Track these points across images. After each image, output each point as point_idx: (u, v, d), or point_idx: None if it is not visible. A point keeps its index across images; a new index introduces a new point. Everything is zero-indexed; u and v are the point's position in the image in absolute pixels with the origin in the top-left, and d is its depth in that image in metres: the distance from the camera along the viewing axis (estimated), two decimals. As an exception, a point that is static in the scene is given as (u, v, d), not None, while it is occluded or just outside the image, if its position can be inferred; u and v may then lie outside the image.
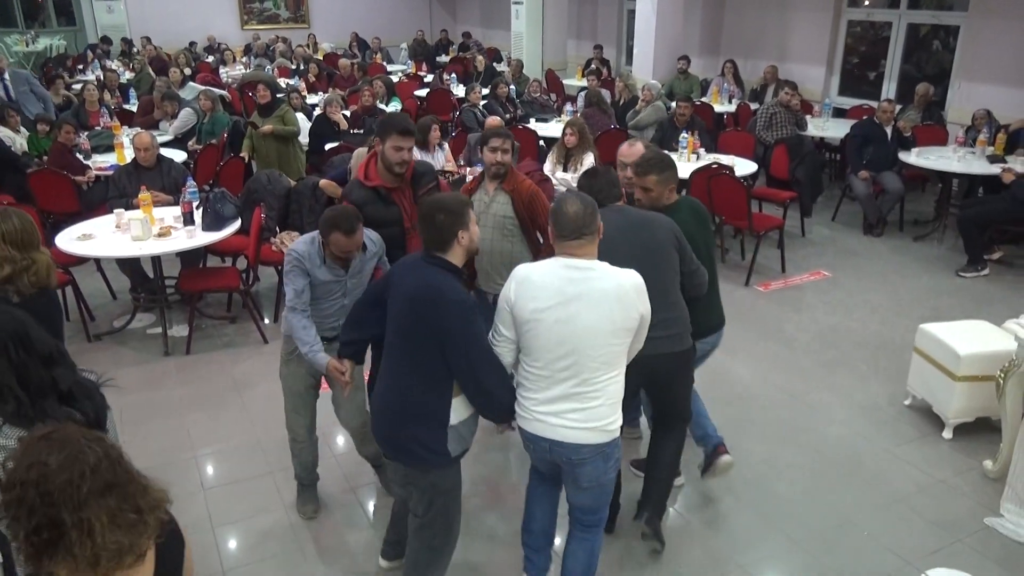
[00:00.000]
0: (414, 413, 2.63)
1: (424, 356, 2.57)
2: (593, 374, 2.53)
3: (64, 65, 13.26)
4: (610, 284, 2.52)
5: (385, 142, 3.55)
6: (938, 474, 3.91)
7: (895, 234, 7.44)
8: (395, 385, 2.67)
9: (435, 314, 2.52)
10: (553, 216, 2.60)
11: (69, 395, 2.07)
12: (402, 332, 2.64)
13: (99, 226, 5.31)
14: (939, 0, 9.26)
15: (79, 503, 1.44)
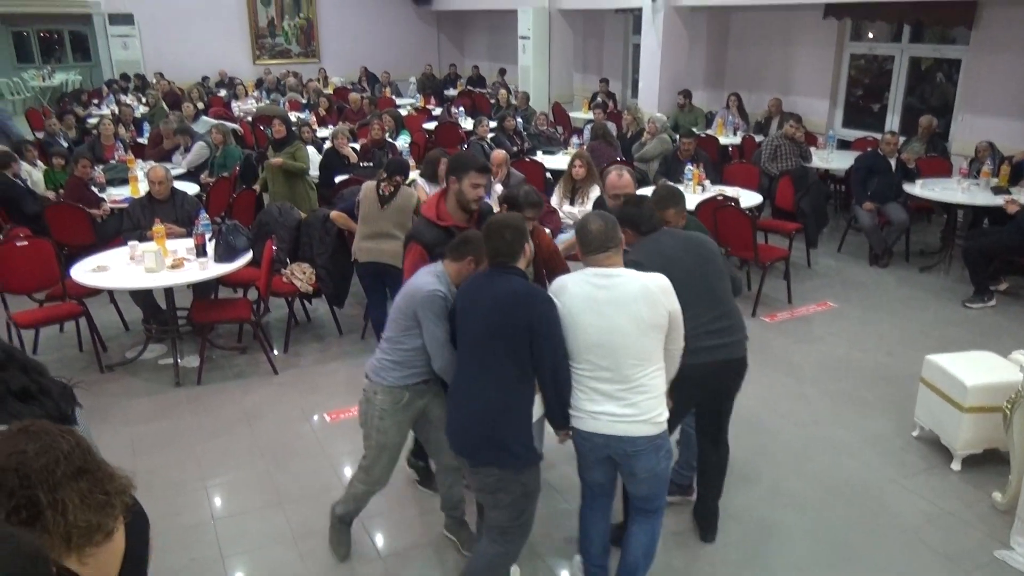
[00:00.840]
0: (507, 410, 2.81)
1: (515, 354, 2.77)
2: (632, 371, 2.77)
3: (79, 100, 13.51)
4: (636, 286, 2.78)
5: (463, 180, 3.49)
6: (947, 506, 3.90)
7: (901, 265, 7.47)
8: (484, 387, 2.82)
9: (528, 313, 2.75)
10: (579, 235, 2.89)
11: (25, 393, 2.23)
12: (490, 335, 2.80)
13: (113, 258, 5.40)
14: (941, 34, 9.38)
15: (54, 485, 1.60)
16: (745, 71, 11.58)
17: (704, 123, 10.55)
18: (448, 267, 3.09)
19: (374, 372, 3.22)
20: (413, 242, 3.53)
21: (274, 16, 17.45)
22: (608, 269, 2.83)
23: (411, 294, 3.09)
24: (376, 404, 3.21)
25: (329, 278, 5.84)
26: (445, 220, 3.52)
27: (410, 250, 3.53)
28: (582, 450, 2.96)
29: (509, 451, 2.81)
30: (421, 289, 3.04)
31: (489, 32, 17.92)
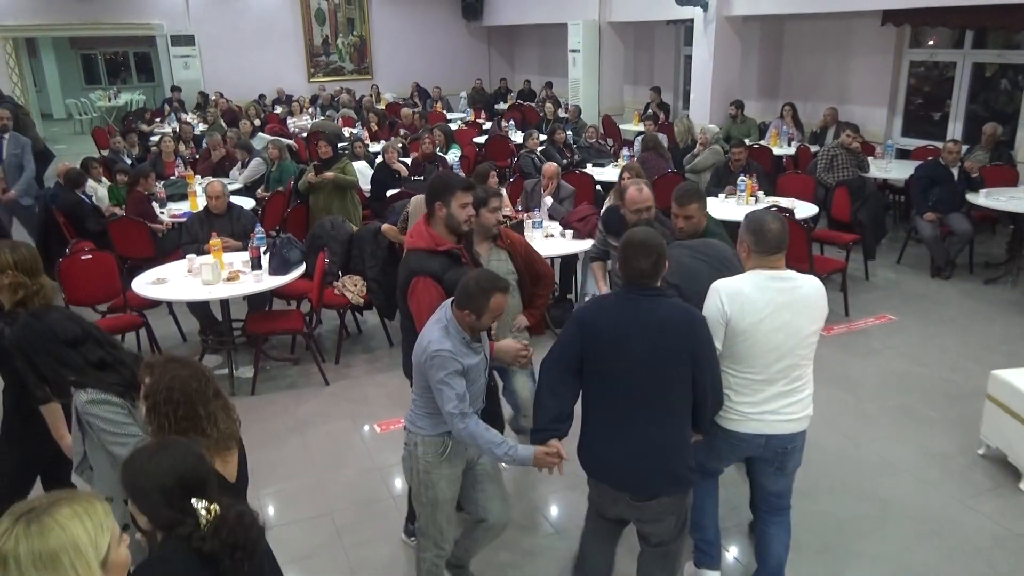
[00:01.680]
0: (680, 438, 2.73)
1: (681, 380, 2.66)
2: (802, 370, 2.90)
3: (143, 118, 13.99)
4: (812, 290, 2.89)
5: (450, 204, 3.23)
6: (1016, 527, 3.73)
7: (964, 277, 7.22)
8: (649, 419, 2.66)
9: (692, 338, 2.65)
10: (755, 234, 2.85)
11: (102, 364, 2.69)
12: (654, 364, 2.62)
13: (172, 271, 5.55)
14: (1006, 38, 9.08)
15: (207, 401, 2.16)
16: (800, 80, 11.38)
17: (757, 134, 10.39)
18: (456, 317, 2.80)
19: (410, 423, 2.98)
20: (419, 276, 3.17)
21: (328, 35, 17.82)
22: (783, 272, 2.86)
23: (417, 351, 2.84)
24: (419, 457, 2.95)
25: (380, 290, 5.89)
26: (443, 244, 3.26)
27: (417, 285, 3.17)
28: (730, 451, 3.02)
29: (681, 479, 2.73)
30: (427, 349, 2.78)
31: (539, 46, 18.00)
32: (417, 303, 3.17)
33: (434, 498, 2.98)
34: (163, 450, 1.80)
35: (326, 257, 5.66)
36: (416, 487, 3.02)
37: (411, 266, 3.24)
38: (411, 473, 3.02)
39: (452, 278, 3.10)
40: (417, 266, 3.21)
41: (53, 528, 1.43)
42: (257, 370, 5.45)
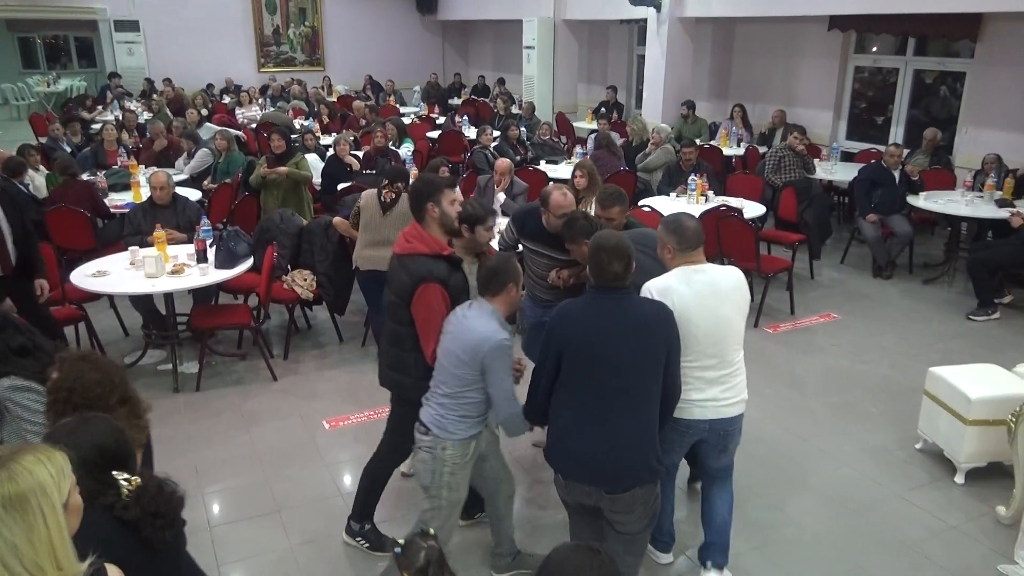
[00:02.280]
0: (652, 431, 2.80)
1: (654, 375, 2.76)
2: (734, 355, 3.06)
3: (84, 105, 13.56)
4: (731, 278, 3.07)
5: (442, 202, 3.19)
6: (950, 520, 3.86)
7: (904, 277, 7.44)
8: (623, 413, 2.71)
9: (666, 331, 2.80)
10: (675, 233, 3.05)
11: (23, 350, 2.70)
12: (634, 359, 2.71)
13: (113, 263, 5.39)
14: (945, 47, 9.38)
15: (107, 407, 2.10)
16: (749, 82, 11.59)
17: (708, 134, 10.55)
18: (497, 303, 2.93)
19: (438, 427, 2.96)
20: (428, 282, 3.06)
21: (279, 24, 17.52)
22: (704, 265, 3.06)
23: (475, 345, 2.84)
24: (447, 460, 2.98)
25: (330, 285, 5.82)
26: (446, 249, 3.19)
27: (427, 291, 3.05)
28: (679, 440, 3.15)
29: (655, 471, 2.80)
30: (490, 339, 2.83)
31: (494, 41, 17.97)
32: (427, 309, 3.05)
33: (458, 499, 3.11)
34: (84, 424, 1.92)
35: (275, 251, 5.56)
36: (438, 489, 3.05)
37: (417, 271, 3.08)
38: (433, 475, 3.02)
39: (455, 283, 3.15)
40: (425, 271, 3.08)
41: (21, 472, 1.53)
42: (202, 366, 5.33)
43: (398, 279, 3.17)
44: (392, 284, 3.22)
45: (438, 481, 3.03)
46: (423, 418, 3.04)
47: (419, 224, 3.24)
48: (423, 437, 3.03)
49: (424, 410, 3.05)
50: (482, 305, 2.97)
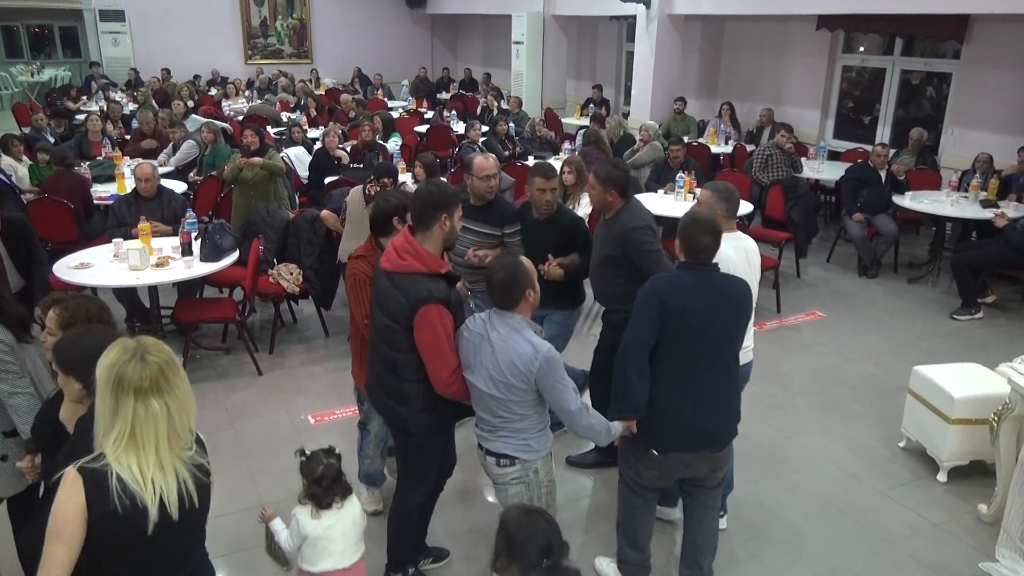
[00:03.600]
0: (737, 387, 3.07)
1: (739, 340, 2.97)
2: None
3: (68, 95, 13.41)
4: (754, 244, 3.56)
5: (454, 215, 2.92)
6: (933, 517, 3.89)
7: (889, 276, 7.49)
8: (717, 380, 2.90)
9: (749, 302, 3.01)
10: (726, 200, 3.35)
11: None
12: (728, 330, 2.91)
13: (97, 255, 5.33)
14: (932, 48, 9.43)
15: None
16: (738, 81, 11.61)
17: (696, 131, 10.57)
18: (522, 310, 2.74)
19: (525, 451, 2.78)
20: (432, 304, 2.77)
21: (267, 16, 17.40)
22: (737, 232, 3.53)
23: (524, 367, 2.64)
24: (543, 481, 2.85)
25: (316, 279, 5.79)
26: (444, 266, 2.91)
27: (429, 313, 2.76)
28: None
29: (736, 425, 3.07)
30: (537, 354, 2.63)
31: (483, 37, 17.92)
32: (432, 334, 2.77)
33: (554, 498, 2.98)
34: (89, 332, 2.28)
35: (261, 244, 5.53)
36: None
37: (415, 293, 2.77)
38: (531, 502, 2.79)
39: (455, 302, 2.92)
40: (424, 292, 2.76)
41: (160, 347, 1.92)
42: (187, 359, 5.28)
43: (392, 301, 2.84)
44: (383, 305, 2.89)
45: (537, 504, 2.79)
46: (501, 451, 2.79)
47: (415, 235, 2.87)
48: (509, 470, 2.80)
49: (497, 444, 2.79)
50: (504, 319, 2.72)
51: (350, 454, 3.61)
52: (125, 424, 1.82)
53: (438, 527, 3.62)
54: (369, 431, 3.76)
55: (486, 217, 4.14)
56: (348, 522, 2.81)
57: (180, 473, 1.89)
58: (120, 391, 1.82)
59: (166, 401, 1.87)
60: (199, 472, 1.95)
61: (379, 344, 2.97)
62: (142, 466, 1.83)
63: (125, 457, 1.82)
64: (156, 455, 1.85)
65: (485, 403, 2.76)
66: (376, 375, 3.06)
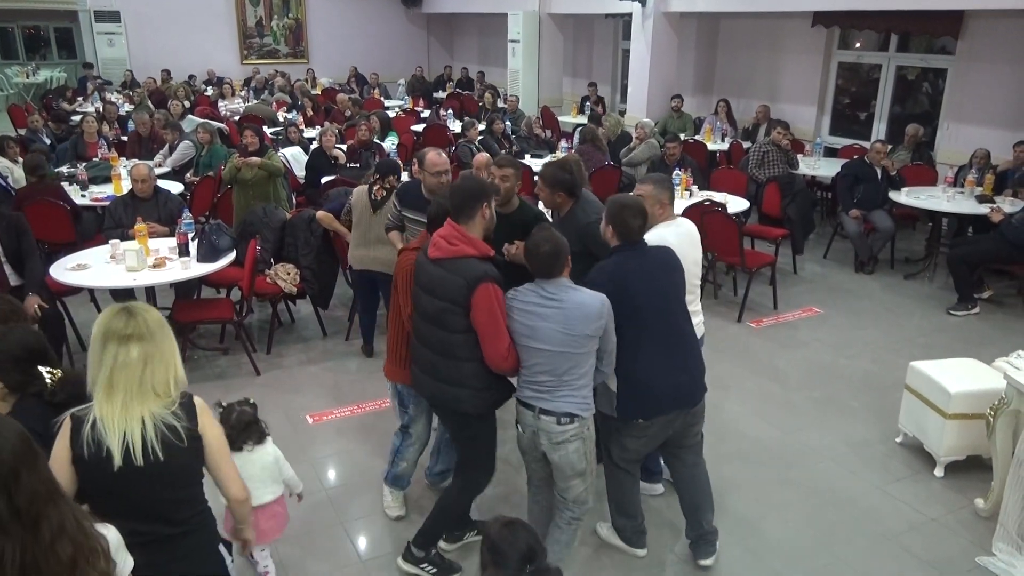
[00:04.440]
0: (697, 344, 3.32)
1: (684, 301, 3.26)
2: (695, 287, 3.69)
3: (64, 96, 13.39)
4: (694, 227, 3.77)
5: (487, 209, 3.11)
6: (930, 512, 3.90)
7: (886, 272, 7.50)
8: (681, 339, 3.19)
9: (680, 267, 3.23)
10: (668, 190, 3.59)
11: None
12: (676, 294, 3.21)
13: (94, 256, 5.32)
14: (928, 44, 9.44)
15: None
16: (734, 78, 11.62)
17: (693, 129, 10.57)
18: (565, 275, 2.97)
19: (585, 408, 3.00)
20: (489, 281, 2.94)
21: (263, 16, 17.37)
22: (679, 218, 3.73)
23: (596, 314, 2.88)
24: (590, 434, 3.08)
25: (314, 279, 5.79)
26: (491, 251, 3.11)
27: (487, 290, 2.93)
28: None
29: (703, 380, 3.29)
30: (603, 302, 2.91)
31: (479, 35, 17.91)
32: (489, 310, 2.92)
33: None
34: (9, 332, 2.38)
35: (258, 244, 5.52)
36: (587, 465, 3.09)
37: (472, 273, 2.93)
38: (585, 456, 3.06)
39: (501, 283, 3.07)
40: (480, 271, 2.94)
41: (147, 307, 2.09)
42: (184, 359, 5.22)
43: (447, 284, 2.97)
44: (436, 291, 3.01)
45: (588, 458, 3.08)
46: (564, 410, 2.95)
47: (461, 225, 3.04)
48: (569, 427, 2.97)
49: (559, 403, 2.96)
50: (555, 284, 2.93)
51: (349, 453, 3.61)
52: (105, 370, 1.99)
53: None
54: (411, 434, 3.66)
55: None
56: (259, 465, 3.11)
57: (147, 425, 1.99)
58: (106, 340, 2.00)
59: (145, 350, 2.00)
60: (168, 431, 2.03)
61: (432, 330, 3.09)
62: (112, 411, 1.97)
63: (100, 403, 1.99)
64: (123, 401, 1.98)
65: (552, 364, 2.93)
66: (428, 364, 3.15)
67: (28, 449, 1.56)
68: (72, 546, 1.58)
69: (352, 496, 4.03)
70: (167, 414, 2.04)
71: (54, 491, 1.61)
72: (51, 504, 1.58)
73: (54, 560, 1.55)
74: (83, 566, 1.59)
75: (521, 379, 3.05)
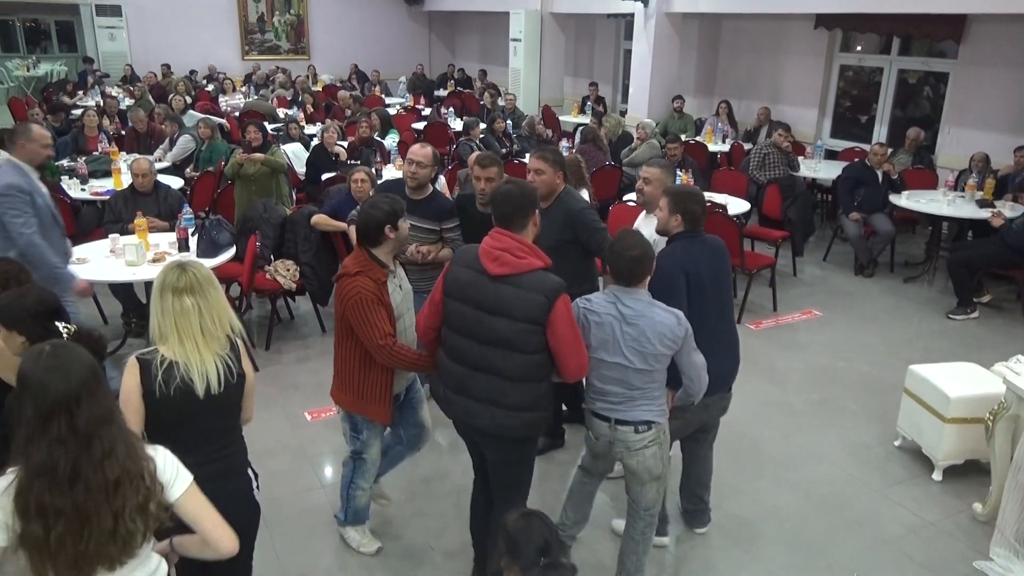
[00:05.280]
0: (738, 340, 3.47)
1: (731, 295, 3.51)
2: None
3: (64, 90, 13.36)
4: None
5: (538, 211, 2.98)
6: (928, 516, 3.90)
7: (886, 275, 7.50)
8: (727, 327, 3.38)
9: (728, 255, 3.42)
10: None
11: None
12: (727, 286, 3.40)
13: (93, 250, 5.31)
14: (929, 47, 9.44)
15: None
16: (735, 79, 11.62)
17: (694, 130, 10.57)
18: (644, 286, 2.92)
19: (659, 416, 2.96)
20: (564, 294, 2.76)
21: (264, 12, 17.35)
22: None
23: (672, 332, 2.82)
24: (668, 439, 3.05)
25: (313, 275, 5.78)
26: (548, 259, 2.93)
27: (565, 302, 2.76)
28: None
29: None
30: (680, 324, 2.84)
31: (481, 34, 17.89)
32: (571, 322, 2.78)
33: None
34: (26, 291, 2.60)
35: (258, 240, 5.51)
36: (662, 468, 3.04)
37: (550, 287, 2.72)
38: (661, 460, 3.01)
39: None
40: (556, 284, 2.74)
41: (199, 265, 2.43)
42: (183, 355, 5.26)
43: (526, 302, 2.72)
44: (512, 311, 2.73)
45: (665, 461, 3.06)
46: (641, 419, 2.91)
47: (518, 234, 2.83)
48: (646, 435, 2.92)
49: (635, 413, 2.91)
50: (633, 295, 2.85)
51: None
52: (169, 318, 2.32)
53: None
54: (365, 459, 3.43)
55: (423, 212, 4.13)
56: None
57: (219, 364, 2.37)
58: (164, 291, 2.32)
59: (197, 301, 2.33)
60: (227, 370, 2.40)
61: (502, 355, 2.79)
62: (186, 352, 2.32)
63: (174, 347, 2.32)
64: (195, 344, 2.33)
65: (624, 377, 2.88)
66: (492, 393, 2.82)
67: (93, 377, 1.83)
68: (119, 468, 1.81)
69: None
70: (226, 355, 2.41)
71: (110, 417, 1.85)
72: (105, 427, 1.82)
73: (100, 476, 1.78)
74: (126, 486, 1.82)
75: (591, 391, 2.97)
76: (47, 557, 1.76)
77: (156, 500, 1.88)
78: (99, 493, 1.78)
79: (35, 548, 1.75)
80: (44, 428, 1.75)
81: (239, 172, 6.67)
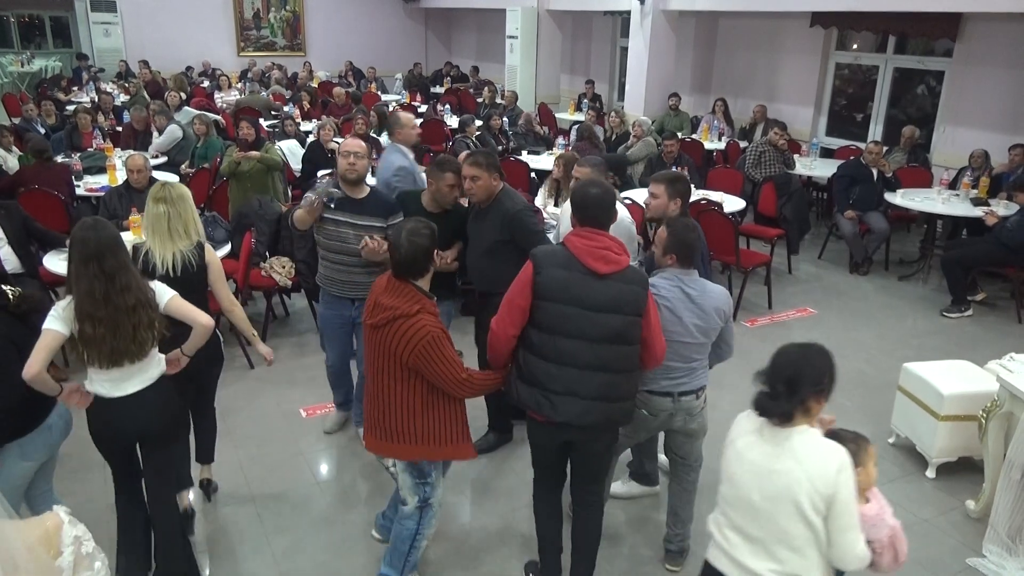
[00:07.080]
0: None
1: None
2: None
3: (59, 86, 13.31)
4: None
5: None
6: (921, 513, 3.92)
7: (880, 273, 7.52)
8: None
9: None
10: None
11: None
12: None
13: (88, 247, 5.30)
14: (925, 45, 9.46)
15: None
16: (731, 77, 11.63)
17: (690, 128, 10.58)
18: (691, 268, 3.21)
19: (703, 384, 3.27)
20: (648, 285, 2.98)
21: (260, 8, 17.29)
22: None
23: (725, 304, 3.17)
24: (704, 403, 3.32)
25: (309, 272, 5.75)
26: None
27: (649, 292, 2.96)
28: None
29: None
30: (727, 296, 3.20)
31: (477, 31, 17.88)
32: (656, 309, 2.95)
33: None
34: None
35: (253, 237, 5.50)
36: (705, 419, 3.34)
37: (641, 280, 2.91)
38: (706, 422, 3.35)
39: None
40: (643, 276, 2.95)
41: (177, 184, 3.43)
42: (178, 352, 5.26)
43: (632, 295, 2.83)
44: (622, 307, 2.82)
45: (706, 423, 3.35)
46: (700, 384, 3.25)
47: (606, 231, 2.92)
48: (702, 399, 3.29)
49: (696, 381, 3.22)
50: (690, 276, 3.11)
51: (342, 447, 3.59)
52: (148, 219, 3.27)
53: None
54: (433, 505, 3.16)
55: (370, 209, 3.95)
56: None
57: (177, 252, 3.27)
58: (148, 200, 3.28)
59: (168, 209, 3.24)
60: (187, 260, 3.29)
61: (610, 350, 2.84)
62: (155, 244, 3.26)
63: (150, 240, 3.28)
64: (160, 240, 3.26)
65: (687, 352, 3.13)
66: (603, 388, 2.86)
67: (115, 241, 2.77)
68: (134, 298, 2.75)
69: (345, 490, 4.02)
70: (188, 251, 3.28)
71: (126, 266, 2.79)
72: (123, 271, 2.76)
73: (122, 300, 2.72)
74: (139, 309, 2.76)
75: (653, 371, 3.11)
76: (93, 348, 2.71)
77: (159, 320, 2.83)
78: (123, 312, 2.72)
79: (86, 342, 2.70)
80: (85, 269, 2.69)
81: (235, 170, 6.65)
